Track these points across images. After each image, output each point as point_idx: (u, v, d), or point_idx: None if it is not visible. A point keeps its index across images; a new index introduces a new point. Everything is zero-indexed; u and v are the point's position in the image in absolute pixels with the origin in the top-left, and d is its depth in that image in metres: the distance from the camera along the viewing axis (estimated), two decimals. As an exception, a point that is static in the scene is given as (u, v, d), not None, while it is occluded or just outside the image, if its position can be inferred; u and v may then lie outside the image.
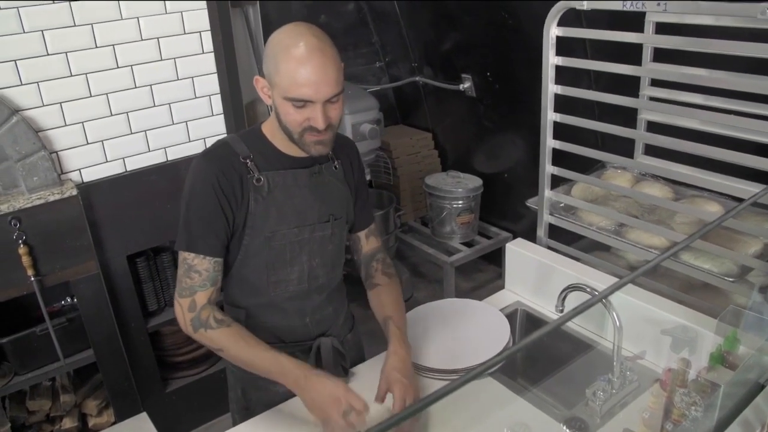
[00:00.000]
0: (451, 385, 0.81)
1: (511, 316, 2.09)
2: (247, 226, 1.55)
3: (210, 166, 1.52)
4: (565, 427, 1.58)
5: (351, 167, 1.74)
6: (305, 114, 1.44)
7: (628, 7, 1.83)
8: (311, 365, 1.67)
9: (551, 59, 2.08)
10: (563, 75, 2.13)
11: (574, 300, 1.72)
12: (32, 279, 2.29)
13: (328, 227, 1.65)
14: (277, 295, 1.64)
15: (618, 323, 1.58)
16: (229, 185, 1.51)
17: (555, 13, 2.02)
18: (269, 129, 1.59)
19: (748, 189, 1.84)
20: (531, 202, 2.39)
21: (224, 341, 1.54)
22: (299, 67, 1.39)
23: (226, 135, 1.60)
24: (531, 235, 2.34)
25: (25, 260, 2.26)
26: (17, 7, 2.20)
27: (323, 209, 1.64)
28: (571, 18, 2.06)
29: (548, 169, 2.22)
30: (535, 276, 2.14)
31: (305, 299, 1.69)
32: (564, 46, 2.09)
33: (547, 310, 2.10)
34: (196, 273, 1.54)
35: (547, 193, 2.25)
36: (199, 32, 2.65)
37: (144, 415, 2.03)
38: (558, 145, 2.18)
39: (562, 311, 1.78)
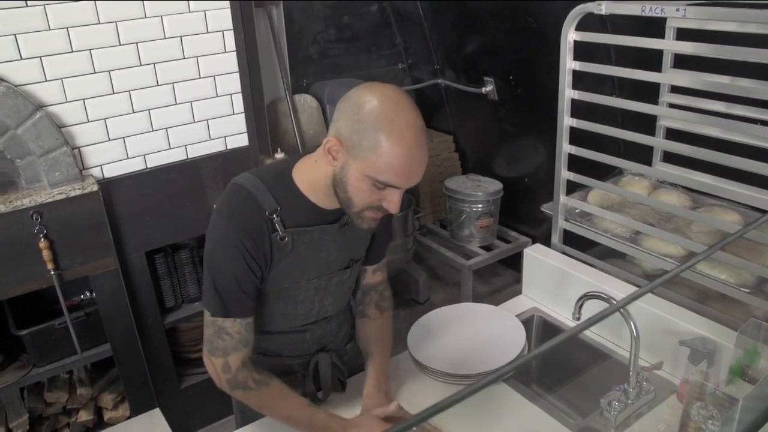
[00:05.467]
0: (464, 391, 0.80)
1: (527, 322, 2.08)
2: (270, 277, 1.48)
3: (234, 230, 1.39)
4: (577, 437, 1.57)
5: None
6: (380, 195, 1.36)
7: (647, 12, 1.80)
8: (310, 381, 1.68)
9: (568, 64, 2.06)
10: (587, 80, 2.11)
11: (591, 307, 1.71)
12: (52, 273, 2.32)
13: (348, 272, 1.61)
14: (283, 325, 1.61)
15: (635, 333, 1.56)
16: (255, 247, 1.40)
17: (573, 17, 1.99)
18: (304, 178, 1.46)
19: (767, 198, 1.82)
20: (546, 207, 2.37)
21: (264, 402, 1.51)
22: (404, 156, 1.29)
23: (249, 177, 1.45)
24: (550, 241, 2.32)
25: (46, 254, 2.29)
26: (44, 5, 2.23)
27: (344, 256, 1.58)
28: (595, 23, 2.04)
29: (563, 174, 2.20)
30: (552, 282, 2.12)
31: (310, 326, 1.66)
32: (588, 51, 2.07)
33: (564, 317, 2.08)
34: (228, 335, 1.45)
35: (562, 198, 2.23)
36: (222, 31, 2.66)
37: (157, 411, 2.05)
38: (573, 150, 2.16)
39: (578, 319, 1.75)
